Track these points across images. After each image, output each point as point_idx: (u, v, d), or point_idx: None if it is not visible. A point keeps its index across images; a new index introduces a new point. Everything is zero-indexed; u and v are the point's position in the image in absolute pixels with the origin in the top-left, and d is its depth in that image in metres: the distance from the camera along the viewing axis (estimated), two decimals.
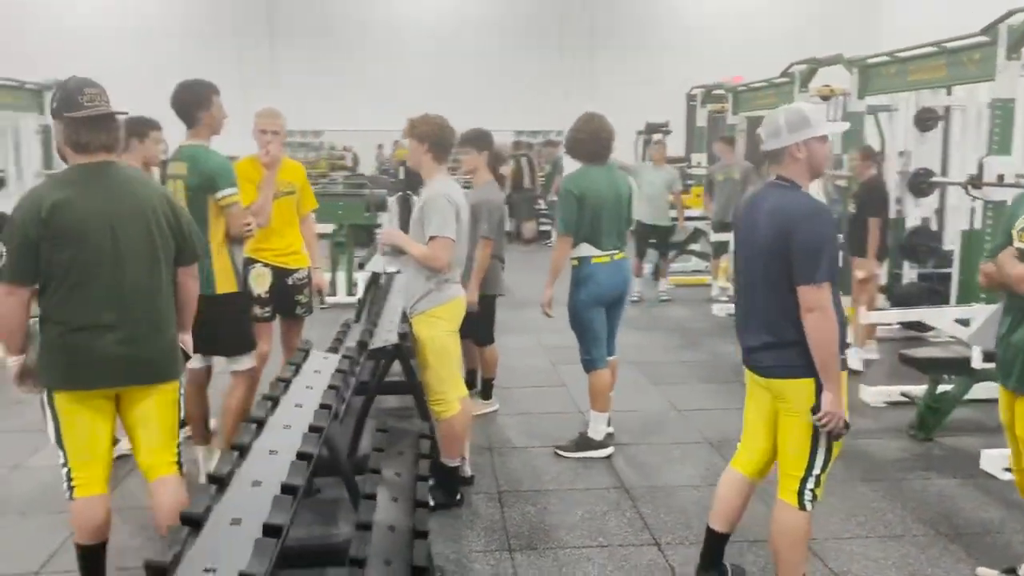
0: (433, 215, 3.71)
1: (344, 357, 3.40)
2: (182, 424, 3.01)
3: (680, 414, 5.40)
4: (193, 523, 1.88)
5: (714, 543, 3.17)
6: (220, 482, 2.10)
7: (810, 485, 2.84)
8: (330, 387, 2.96)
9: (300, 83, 15.42)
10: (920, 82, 6.57)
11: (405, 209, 8.99)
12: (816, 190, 6.71)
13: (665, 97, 13.56)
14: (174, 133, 4.03)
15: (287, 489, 2.09)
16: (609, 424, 4.74)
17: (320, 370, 3.24)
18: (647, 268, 9.69)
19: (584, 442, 4.64)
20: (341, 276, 9.06)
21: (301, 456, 2.30)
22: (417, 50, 15.72)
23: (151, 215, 2.84)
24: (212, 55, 14.92)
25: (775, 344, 2.82)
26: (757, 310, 2.88)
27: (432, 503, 3.88)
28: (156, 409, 2.89)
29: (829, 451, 2.83)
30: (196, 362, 4.16)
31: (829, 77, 8.51)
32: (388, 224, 8.73)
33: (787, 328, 2.76)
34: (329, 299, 8.78)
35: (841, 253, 6.14)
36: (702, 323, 8.27)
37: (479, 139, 5.14)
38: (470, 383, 5.47)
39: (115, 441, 3.29)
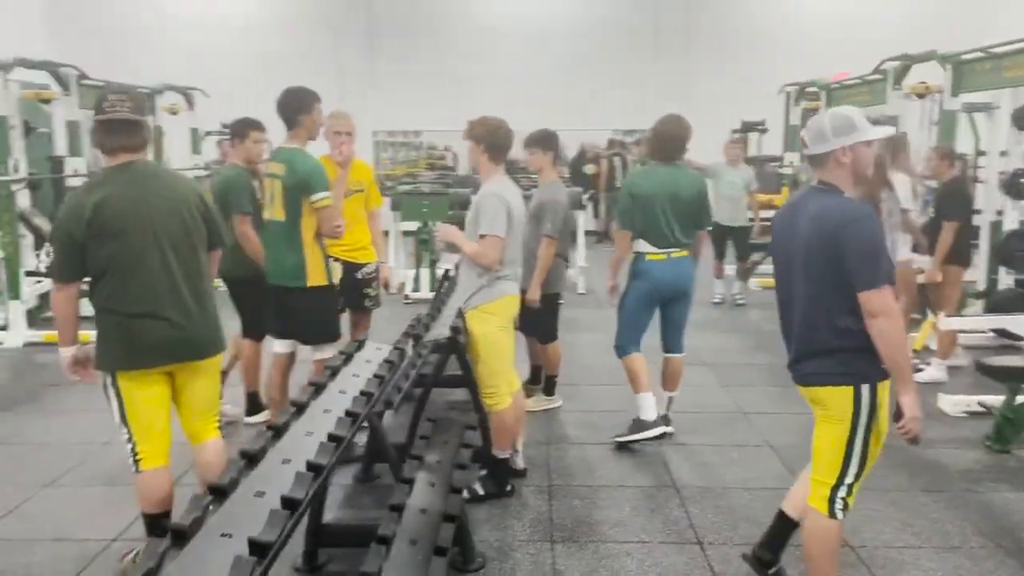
0: (484, 213, 3.84)
1: (395, 348, 3.55)
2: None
3: (745, 416, 5.35)
4: (219, 493, 2.06)
5: (779, 525, 3.18)
6: (251, 458, 2.28)
7: (841, 494, 2.81)
8: (375, 376, 3.11)
9: (397, 83, 15.84)
10: (1017, 79, 6.27)
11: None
12: (905, 191, 6.48)
13: (763, 95, 13.26)
14: (279, 133, 4.33)
15: (312, 467, 2.25)
16: (668, 409, 4.90)
17: (371, 360, 3.40)
18: (728, 269, 9.54)
19: (637, 425, 4.72)
20: (425, 273, 9.30)
21: (332, 438, 2.45)
22: (512, 50, 15.87)
23: (183, 205, 3.12)
24: (312, 55, 15.49)
25: (815, 352, 2.78)
26: (797, 318, 2.85)
27: (482, 492, 4.03)
28: (203, 381, 3.22)
29: (863, 461, 2.79)
30: (281, 348, 4.46)
31: (925, 74, 8.17)
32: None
33: (827, 335, 2.73)
34: (413, 295, 9.05)
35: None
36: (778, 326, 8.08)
37: (545, 140, 5.23)
38: (534, 379, 5.60)
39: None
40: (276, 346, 4.47)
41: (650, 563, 3.47)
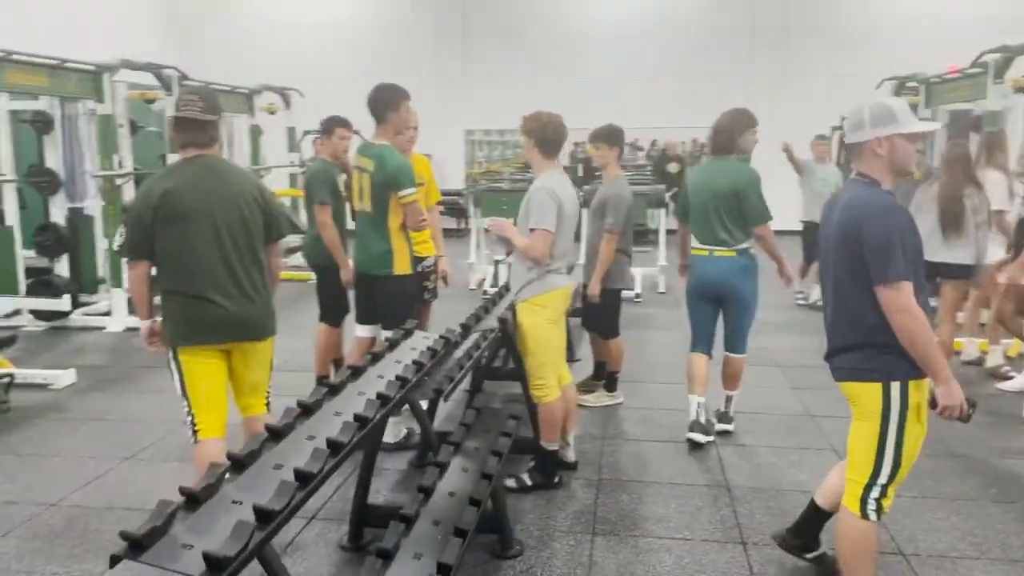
0: (534, 208, 3.89)
1: (440, 337, 3.64)
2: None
3: (813, 419, 5.21)
4: (237, 464, 2.18)
5: (809, 513, 3.17)
6: (277, 434, 2.40)
7: (874, 494, 2.73)
8: (414, 363, 3.20)
9: (491, 82, 16.02)
10: None
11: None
12: (1000, 190, 6.16)
13: (862, 91, 12.77)
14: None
15: (331, 444, 2.35)
16: (726, 407, 4.87)
17: (416, 348, 3.50)
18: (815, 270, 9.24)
19: (690, 425, 4.69)
20: (504, 269, 9.40)
21: (357, 418, 2.56)
22: (606, 49, 15.81)
23: (241, 198, 3.36)
24: (408, 55, 15.85)
25: (846, 347, 2.74)
26: (831, 314, 2.82)
27: (529, 483, 4.09)
28: (255, 361, 3.46)
29: (897, 462, 2.70)
30: (364, 332, 4.65)
31: None
32: None
33: (856, 330, 2.69)
34: (492, 290, 9.15)
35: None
36: None
37: (610, 135, 5.22)
38: (597, 375, 5.60)
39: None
40: (359, 330, 4.66)
41: (688, 560, 3.44)
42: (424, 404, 4.01)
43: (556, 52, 15.96)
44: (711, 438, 4.70)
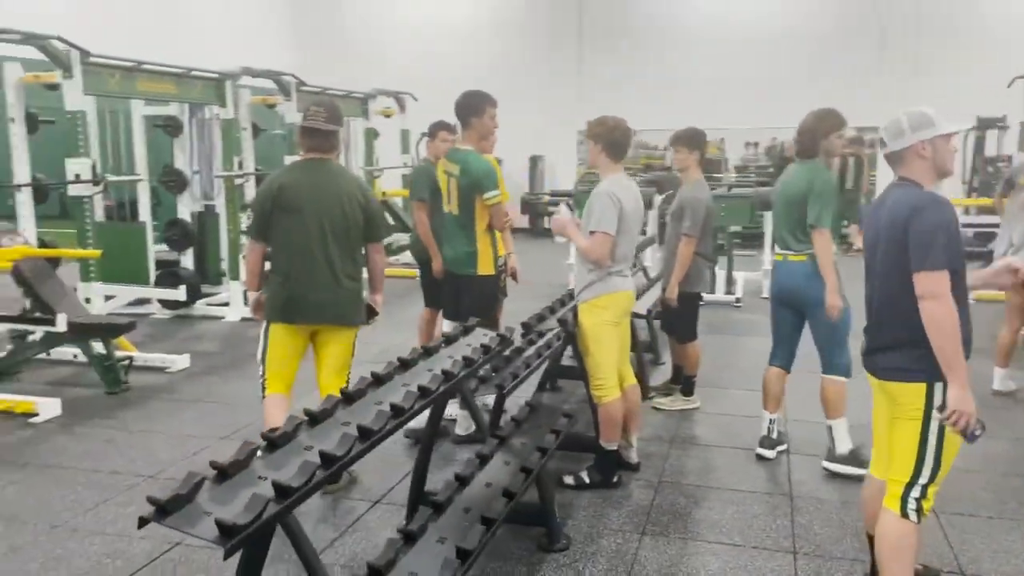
0: (594, 210, 3.96)
1: (498, 335, 3.77)
2: None
3: None
4: (271, 444, 2.39)
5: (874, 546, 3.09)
6: (314, 418, 2.60)
7: (915, 494, 2.73)
8: (464, 358, 3.35)
9: (607, 84, 16.02)
10: None
11: (666, 203, 9.11)
12: None
13: (997, 89, 11.99)
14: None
15: (361, 430, 2.53)
16: (830, 449, 4.41)
17: (472, 344, 3.64)
18: None
19: (760, 439, 4.62)
20: None
21: (393, 408, 2.72)
22: (724, 48, 15.51)
23: (346, 199, 3.90)
24: (524, 58, 16.07)
25: (888, 346, 2.79)
26: (875, 312, 2.87)
27: (587, 481, 4.17)
28: (337, 345, 3.96)
29: (938, 462, 2.70)
30: (450, 328, 4.86)
31: None
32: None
33: (899, 329, 2.74)
34: None
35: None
36: (976, 343, 7.36)
37: (691, 138, 5.22)
38: (675, 379, 5.59)
39: None
40: (445, 326, 4.89)
41: (734, 565, 3.43)
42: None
43: (671, 53, 15.78)
44: (782, 449, 4.62)
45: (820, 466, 4.42)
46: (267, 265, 4.01)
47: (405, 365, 3.21)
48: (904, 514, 2.73)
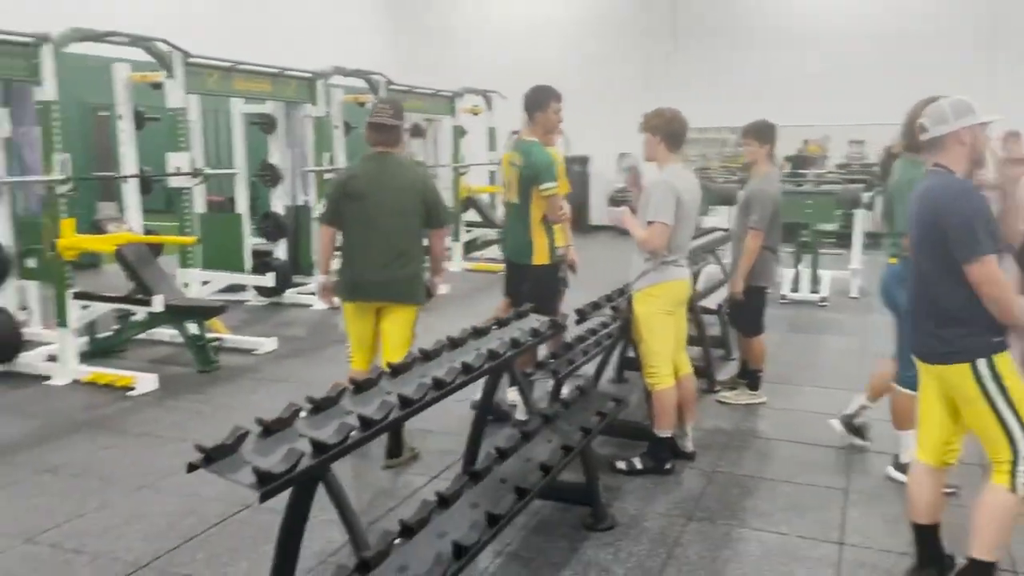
0: (652, 201, 4.03)
1: (551, 320, 3.89)
2: None
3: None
4: (316, 407, 2.58)
5: (921, 536, 3.13)
6: (360, 387, 2.78)
7: (1021, 467, 2.78)
8: (512, 340, 3.49)
9: (699, 79, 15.83)
10: None
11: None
12: None
13: None
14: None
15: (401, 399, 2.70)
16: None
17: (523, 328, 3.77)
18: None
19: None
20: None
21: (435, 380, 2.89)
22: (819, 45, 15.12)
23: (408, 188, 4.22)
24: (617, 56, 16.03)
25: (934, 330, 2.87)
26: (919, 296, 2.95)
27: (639, 467, 4.23)
28: (396, 322, 4.25)
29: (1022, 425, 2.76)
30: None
31: None
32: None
33: (943, 313, 2.83)
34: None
35: None
36: None
37: (761, 131, 5.20)
38: (742, 373, 5.57)
39: None
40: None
41: (776, 552, 3.45)
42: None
43: (766, 49, 15.47)
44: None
45: (878, 461, 4.35)
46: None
47: (454, 344, 3.36)
48: (1013, 487, 2.79)
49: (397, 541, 2.46)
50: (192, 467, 2.17)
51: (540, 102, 4.76)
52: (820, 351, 6.92)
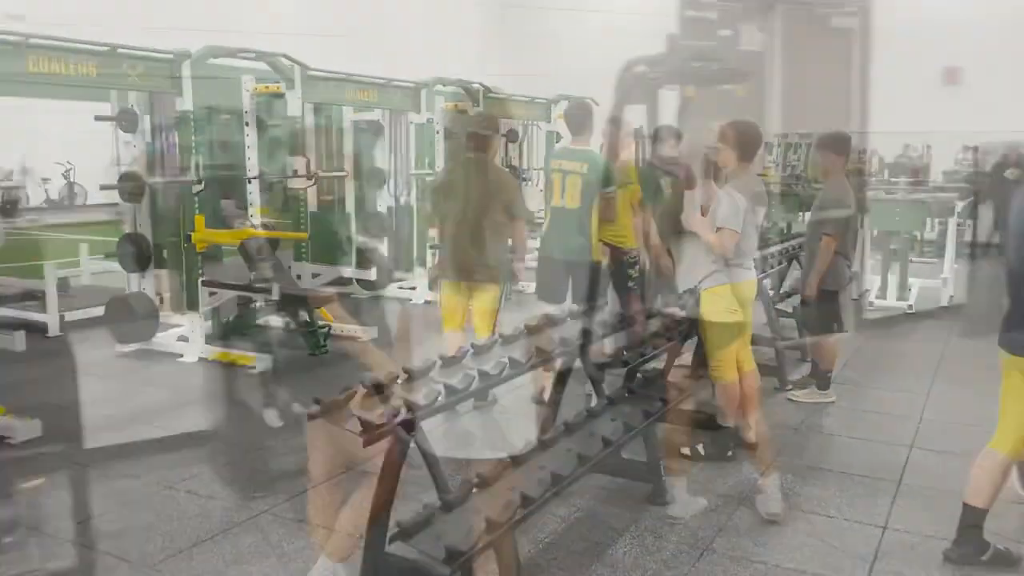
0: (721, 208, 4.36)
1: (619, 314, 4.29)
2: None
3: None
4: (410, 376, 3.07)
5: (970, 517, 3.38)
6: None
7: None
8: (583, 330, 3.91)
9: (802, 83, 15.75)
10: None
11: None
12: None
13: None
14: None
15: (480, 374, 3.16)
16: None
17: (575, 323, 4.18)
18: None
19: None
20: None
21: (510, 360, 3.34)
22: (932, 46, 14.84)
23: (492, 186, 4.90)
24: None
25: (1019, 323, 3.20)
26: (1012, 292, 3.26)
27: (703, 453, 4.58)
28: (482, 299, 4.96)
29: None
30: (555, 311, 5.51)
31: None
32: None
33: None
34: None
35: None
36: None
37: (836, 142, 5.44)
38: (813, 373, 5.80)
39: None
40: (551, 310, 5.49)
41: (820, 532, 3.74)
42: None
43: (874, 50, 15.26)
44: None
45: (937, 459, 4.55)
46: None
47: (530, 331, 3.80)
48: None
49: (474, 491, 2.92)
50: (311, 416, 2.68)
51: (592, 115, 5.42)
52: (900, 357, 7.04)
